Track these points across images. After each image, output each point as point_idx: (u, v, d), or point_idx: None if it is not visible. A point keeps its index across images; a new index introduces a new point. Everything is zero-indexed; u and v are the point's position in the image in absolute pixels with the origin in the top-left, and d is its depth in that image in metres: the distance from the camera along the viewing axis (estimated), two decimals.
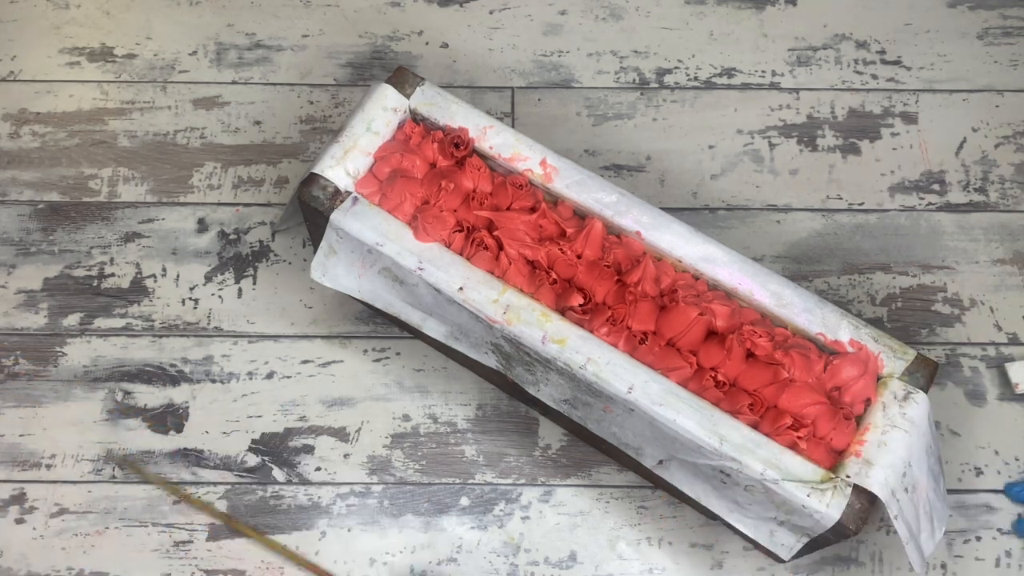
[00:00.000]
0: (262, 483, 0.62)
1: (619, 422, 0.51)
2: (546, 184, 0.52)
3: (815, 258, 0.67)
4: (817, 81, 0.71)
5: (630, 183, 0.68)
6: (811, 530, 0.47)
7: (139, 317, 0.65)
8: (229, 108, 0.70)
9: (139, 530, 0.61)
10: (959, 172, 0.69)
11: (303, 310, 0.65)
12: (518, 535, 0.61)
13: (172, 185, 0.68)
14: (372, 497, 0.62)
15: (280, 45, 0.72)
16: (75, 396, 0.63)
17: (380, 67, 0.72)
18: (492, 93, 0.71)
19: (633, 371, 0.48)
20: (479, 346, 0.53)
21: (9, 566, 0.60)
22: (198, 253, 0.67)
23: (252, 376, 0.64)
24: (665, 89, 0.71)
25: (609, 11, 0.73)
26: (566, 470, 0.62)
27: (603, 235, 0.51)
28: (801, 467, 0.46)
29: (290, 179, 0.69)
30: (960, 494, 0.62)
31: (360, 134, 0.52)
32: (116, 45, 0.72)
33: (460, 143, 0.52)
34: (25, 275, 0.66)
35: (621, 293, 0.50)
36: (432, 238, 0.50)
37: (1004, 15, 0.73)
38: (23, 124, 0.70)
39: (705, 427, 0.47)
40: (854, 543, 0.61)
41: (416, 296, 0.52)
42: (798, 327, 0.50)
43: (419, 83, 0.54)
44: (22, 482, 0.62)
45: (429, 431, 0.63)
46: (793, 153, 0.69)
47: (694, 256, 0.51)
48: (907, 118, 0.70)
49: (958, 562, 0.60)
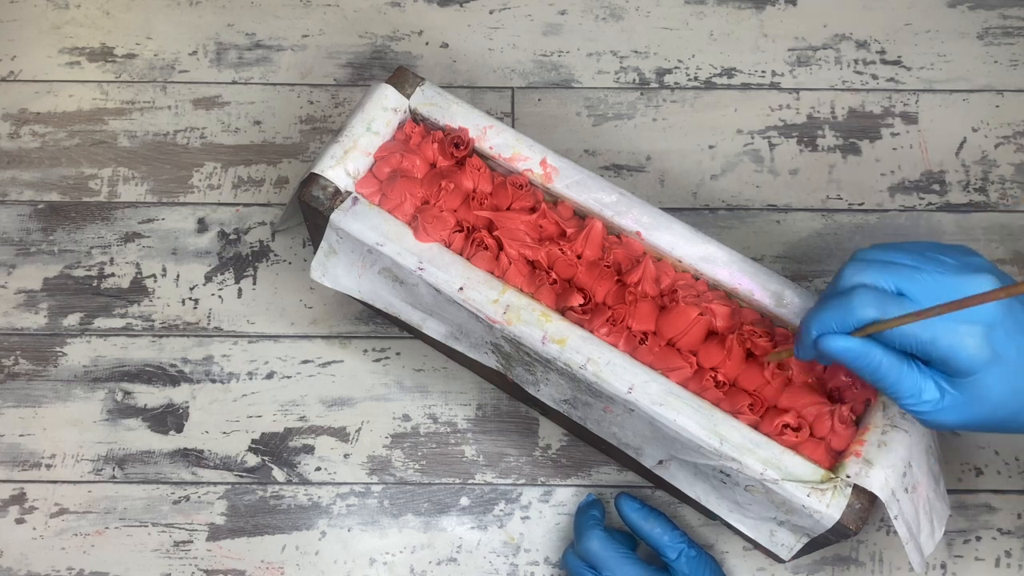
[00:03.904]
0: (262, 483, 0.62)
1: (619, 422, 0.51)
2: (546, 184, 0.52)
3: (815, 258, 0.67)
4: (817, 81, 0.71)
5: (630, 183, 0.68)
6: (811, 530, 0.47)
7: (139, 317, 0.65)
8: (229, 108, 0.70)
9: (139, 530, 0.61)
10: (959, 172, 0.69)
11: (303, 310, 0.66)
12: (518, 535, 0.61)
13: (172, 185, 0.68)
14: (372, 497, 0.62)
15: (280, 45, 0.72)
16: (75, 396, 0.63)
17: (380, 67, 0.72)
18: (492, 93, 0.71)
19: (633, 371, 0.48)
20: (479, 346, 0.53)
21: (9, 566, 0.60)
22: (198, 253, 0.67)
23: (252, 376, 0.64)
24: (665, 89, 0.71)
25: (609, 11, 0.73)
26: (566, 470, 0.62)
27: (603, 235, 0.51)
28: (801, 467, 0.46)
29: (290, 179, 0.69)
30: (960, 494, 0.62)
31: (360, 134, 0.52)
32: (116, 45, 0.72)
33: (460, 143, 0.52)
34: (25, 275, 0.66)
35: (621, 293, 0.50)
36: (432, 238, 0.50)
37: (1004, 15, 0.73)
38: (23, 124, 0.70)
39: (705, 427, 0.47)
40: (854, 543, 0.61)
41: (416, 296, 0.52)
42: (798, 327, 0.50)
43: (419, 83, 0.54)
44: (22, 482, 0.62)
45: (429, 431, 0.63)
46: (793, 153, 0.69)
47: (694, 256, 0.51)
48: (907, 118, 0.70)
49: (958, 562, 0.60)
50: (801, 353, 0.44)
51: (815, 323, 0.42)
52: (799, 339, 0.44)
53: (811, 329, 0.42)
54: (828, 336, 0.42)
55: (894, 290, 0.41)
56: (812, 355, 0.43)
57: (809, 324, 0.42)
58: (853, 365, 0.42)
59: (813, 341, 0.42)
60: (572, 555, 0.56)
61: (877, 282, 0.41)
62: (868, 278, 0.42)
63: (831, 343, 0.41)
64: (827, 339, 0.42)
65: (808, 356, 0.44)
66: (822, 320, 0.42)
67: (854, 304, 0.41)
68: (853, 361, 0.41)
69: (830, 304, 0.42)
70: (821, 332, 0.42)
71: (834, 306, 0.41)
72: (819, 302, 0.43)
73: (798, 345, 0.44)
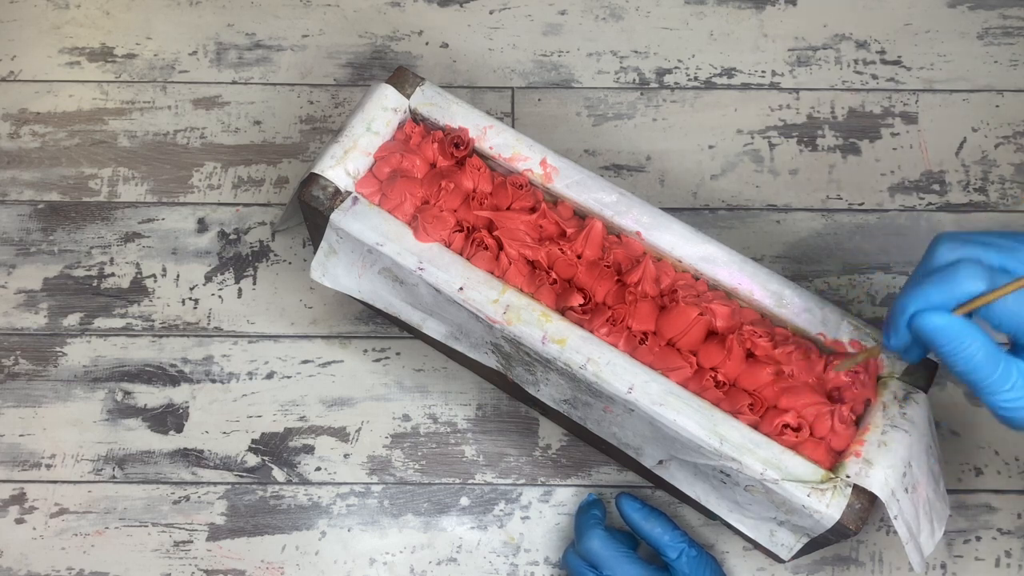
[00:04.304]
0: (262, 483, 0.62)
1: (619, 422, 0.51)
2: (546, 184, 0.52)
3: (815, 258, 0.67)
4: (817, 81, 0.71)
5: (630, 183, 0.68)
6: (811, 530, 0.47)
7: (139, 317, 0.65)
8: (229, 108, 0.70)
9: (139, 530, 0.61)
10: (959, 172, 0.69)
11: (303, 310, 0.66)
12: (518, 535, 0.61)
13: (172, 185, 0.68)
14: (372, 497, 0.62)
15: (280, 45, 0.72)
16: (75, 396, 0.63)
17: (380, 67, 0.72)
18: (492, 93, 0.71)
19: (633, 371, 0.48)
20: (479, 346, 0.53)
21: (9, 566, 0.60)
22: (198, 253, 0.67)
23: (252, 376, 0.64)
24: (665, 89, 0.71)
25: (609, 11, 0.73)
26: (566, 470, 0.62)
27: (603, 235, 0.51)
28: (801, 467, 0.46)
29: (290, 179, 0.69)
30: (960, 494, 0.62)
31: (360, 134, 0.52)
32: (116, 45, 0.72)
33: (460, 143, 0.52)
34: (25, 275, 0.66)
35: (621, 293, 0.50)
36: (432, 238, 0.50)
37: (1004, 15, 0.73)
38: (23, 124, 0.70)
39: (705, 427, 0.47)
40: (854, 543, 0.61)
41: (416, 296, 0.52)
42: (798, 327, 0.50)
43: (419, 83, 0.54)
44: (22, 482, 0.62)
45: (429, 431, 0.63)
46: (793, 153, 0.69)
47: (694, 256, 0.51)
48: (907, 118, 0.70)
49: (958, 562, 0.60)
50: (894, 340, 0.40)
51: (913, 299, 0.38)
52: (890, 323, 0.39)
53: (907, 306, 0.38)
54: (928, 313, 0.37)
55: (998, 266, 0.38)
56: (906, 340, 0.39)
57: (905, 302, 0.38)
58: (948, 348, 0.37)
59: (908, 321, 0.38)
60: (573, 554, 0.56)
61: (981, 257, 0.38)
62: (970, 253, 0.38)
63: (931, 321, 0.37)
64: (926, 317, 0.37)
65: (901, 342, 0.39)
66: (924, 295, 0.37)
67: (960, 276, 0.37)
68: (951, 343, 0.37)
69: (930, 279, 0.38)
70: (921, 308, 0.37)
71: (937, 280, 0.37)
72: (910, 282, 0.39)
73: (889, 331, 0.40)
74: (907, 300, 0.38)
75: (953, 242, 0.39)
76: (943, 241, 0.40)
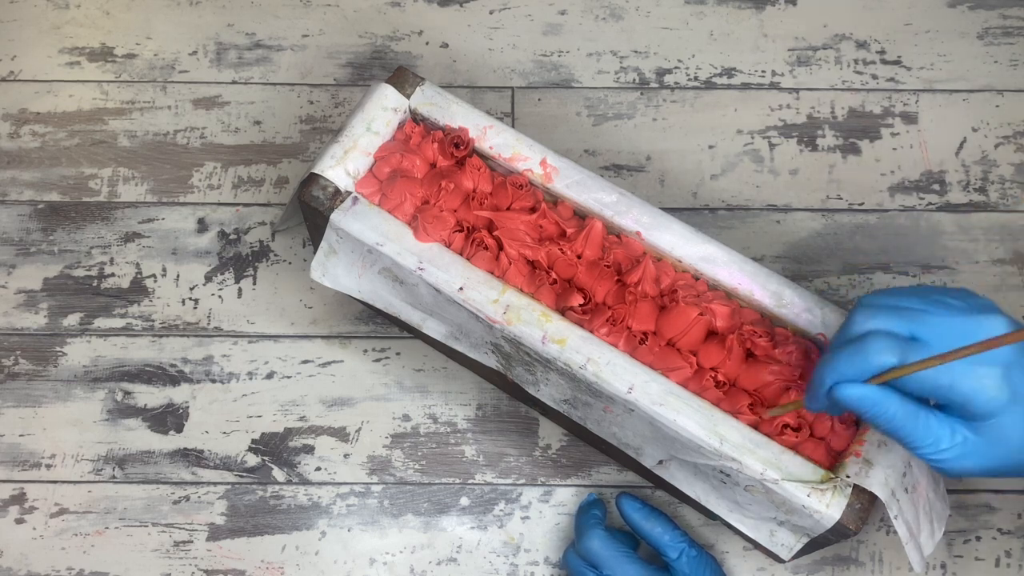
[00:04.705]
0: (262, 483, 0.62)
1: (619, 422, 0.51)
2: (546, 184, 0.52)
3: (815, 258, 0.67)
4: (817, 81, 0.71)
5: (630, 183, 0.68)
6: (811, 530, 0.47)
7: (139, 317, 0.65)
8: (229, 108, 0.70)
9: (139, 530, 0.61)
10: (959, 172, 0.69)
11: (303, 310, 0.66)
12: (518, 535, 0.61)
13: (172, 185, 0.68)
14: (372, 497, 0.62)
15: (280, 45, 0.72)
16: (75, 396, 0.63)
17: (380, 67, 0.72)
18: (492, 93, 0.71)
19: (633, 371, 0.48)
20: (479, 346, 0.53)
21: (9, 566, 0.60)
22: (198, 253, 0.67)
23: (252, 376, 0.64)
24: (665, 89, 0.71)
25: (609, 11, 0.73)
26: (566, 470, 0.62)
27: (603, 235, 0.51)
28: (801, 467, 0.46)
29: (290, 179, 0.69)
30: (960, 494, 0.62)
31: (360, 134, 0.52)
32: (116, 45, 0.72)
33: (460, 143, 0.52)
34: (25, 275, 0.66)
35: (621, 293, 0.50)
36: (432, 238, 0.50)
37: (1004, 15, 0.73)
38: (23, 124, 0.70)
39: (705, 427, 0.47)
40: (854, 543, 0.61)
41: (416, 296, 0.52)
42: (798, 327, 0.50)
43: (419, 83, 0.54)
44: (22, 482, 0.62)
45: (429, 431, 0.63)
46: (793, 153, 0.69)
47: (694, 256, 0.51)
48: (907, 118, 0.70)
49: (958, 562, 0.60)
50: (813, 404, 0.42)
51: (829, 372, 0.40)
52: (811, 390, 0.42)
53: (825, 379, 0.41)
54: (844, 385, 0.40)
55: (907, 335, 0.40)
56: (824, 405, 0.42)
57: (822, 374, 0.41)
58: (869, 414, 0.40)
59: (827, 391, 0.41)
60: (573, 554, 0.56)
61: (890, 327, 0.40)
62: (880, 323, 0.40)
63: (847, 392, 0.40)
64: (843, 388, 0.40)
65: (820, 407, 0.42)
66: (836, 368, 0.40)
67: (870, 350, 0.39)
68: (870, 409, 0.40)
69: (844, 352, 0.40)
70: (836, 381, 0.40)
71: (849, 353, 0.40)
72: (830, 351, 0.42)
73: (809, 396, 0.42)
74: (824, 372, 0.41)
75: (868, 309, 0.41)
76: (859, 309, 0.42)
